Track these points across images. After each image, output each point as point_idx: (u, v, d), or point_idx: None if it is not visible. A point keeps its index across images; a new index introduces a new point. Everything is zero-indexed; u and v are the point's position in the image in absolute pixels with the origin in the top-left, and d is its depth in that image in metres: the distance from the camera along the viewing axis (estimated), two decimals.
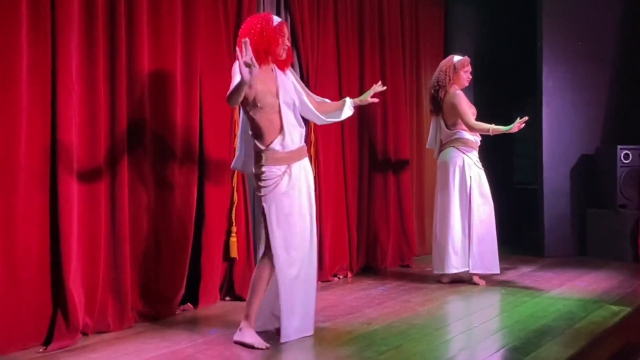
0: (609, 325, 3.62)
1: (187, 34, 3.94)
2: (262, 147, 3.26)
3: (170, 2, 3.84)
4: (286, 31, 3.34)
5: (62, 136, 3.26)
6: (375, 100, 3.79)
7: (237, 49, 2.95)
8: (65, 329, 3.24)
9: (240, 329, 3.27)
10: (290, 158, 3.29)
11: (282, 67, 3.38)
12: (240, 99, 3.09)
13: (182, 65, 3.91)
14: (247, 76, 2.94)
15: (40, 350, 3.15)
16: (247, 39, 2.95)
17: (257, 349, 3.17)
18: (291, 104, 3.34)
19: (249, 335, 3.23)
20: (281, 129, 3.26)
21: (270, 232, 3.24)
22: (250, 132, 3.35)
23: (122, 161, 3.58)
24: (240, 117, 3.51)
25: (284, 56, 3.34)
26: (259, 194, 3.28)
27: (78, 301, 3.31)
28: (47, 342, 3.21)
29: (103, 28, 3.48)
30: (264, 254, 3.33)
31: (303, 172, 3.36)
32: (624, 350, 3.73)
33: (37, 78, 3.21)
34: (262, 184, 3.25)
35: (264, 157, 3.26)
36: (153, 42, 3.77)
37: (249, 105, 3.26)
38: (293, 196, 3.28)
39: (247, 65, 2.90)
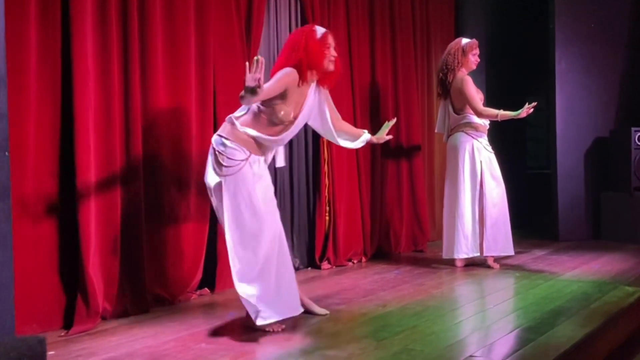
0: (624, 306, 3.62)
1: (200, 32, 3.96)
2: (237, 124, 3.16)
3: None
4: (331, 41, 3.27)
5: (79, 123, 3.30)
6: (390, 137, 3.73)
7: (247, 63, 2.80)
8: (86, 314, 3.30)
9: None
10: (255, 147, 3.19)
11: (326, 82, 3.32)
12: (250, 103, 3.06)
13: (195, 52, 3.94)
14: (248, 96, 2.85)
15: (62, 334, 3.21)
16: (261, 58, 2.79)
17: (272, 332, 3.20)
18: (301, 123, 3.31)
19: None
20: (277, 138, 3.22)
21: (230, 222, 3.14)
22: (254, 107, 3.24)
23: (138, 148, 3.62)
24: None
25: (331, 68, 3.26)
26: (221, 173, 3.13)
27: (97, 287, 3.37)
28: (67, 327, 3.27)
29: (116, 19, 3.50)
30: None
31: (261, 169, 3.24)
32: (638, 331, 3.74)
33: (48, 63, 3.25)
34: (224, 162, 3.12)
35: (232, 133, 3.15)
36: (166, 31, 3.80)
37: (269, 102, 3.17)
38: (256, 182, 3.18)
39: (250, 89, 2.81)
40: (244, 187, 3.13)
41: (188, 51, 3.89)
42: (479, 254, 4.77)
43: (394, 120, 3.77)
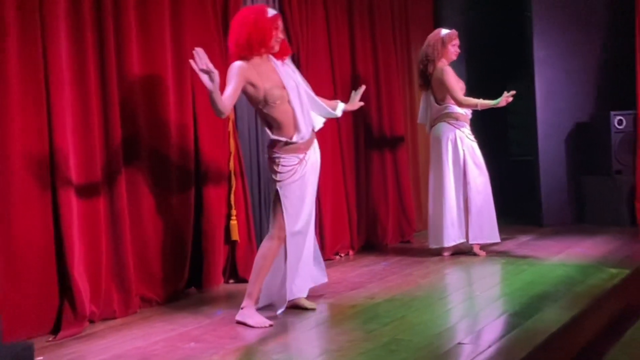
0: (608, 288, 3.67)
1: (176, 28, 3.94)
2: (281, 139, 3.33)
3: None
4: (280, 24, 3.36)
5: (57, 134, 3.28)
6: (362, 103, 3.88)
7: (191, 61, 2.93)
8: (73, 318, 3.28)
9: (242, 308, 3.32)
10: (306, 147, 3.39)
11: (279, 57, 3.41)
12: (221, 108, 3.09)
13: (172, 55, 3.91)
14: (209, 84, 2.97)
15: (50, 339, 3.19)
16: (199, 49, 2.95)
17: (259, 328, 3.21)
18: (295, 88, 3.37)
19: (250, 314, 3.29)
20: (296, 122, 3.32)
21: (284, 214, 3.32)
22: (265, 127, 3.44)
23: (118, 151, 3.60)
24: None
25: (276, 49, 3.36)
26: (275, 179, 3.35)
27: (83, 290, 3.35)
28: (55, 331, 3.26)
29: (91, 28, 3.48)
30: (270, 234, 3.37)
31: (314, 154, 3.46)
32: (624, 311, 3.79)
33: (28, 77, 3.22)
34: (278, 169, 3.33)
35: (284, 148, 3.33)
36: (142, 39, 3.77)
37: (260, 103, 3.31)
38: (306, 179, 3.39)
39: (205, 72, 2.93)
40: (296, 193, 3.36)
41: (164, 48, 3.87)
42: (465, 240, 4.81)
43: (362, 87, 3.85)
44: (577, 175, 6.13)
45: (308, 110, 3.43)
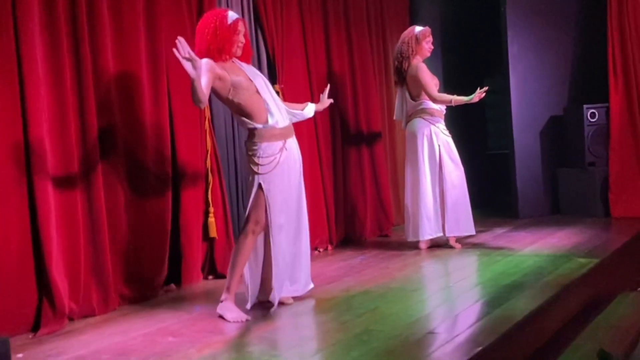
0: (576, 277, 3.78)
1: (151, 26, 3.98)
2: (258, 125, 3.36)
3: None
4: (241, 28, 3.40)
5: (33, 131, 3.31)
6: (331, 100, 3.99)
7: (174, 49, 3.00)
8: (52, 315, 3.33)
9: (221, 301, 3.39)
10: (285, 135, 3.43)
11: (242, 59, 3.49)
12: (202, 97, 3.13)
13: (146, 53, 3.96)
14: (191, 71, 3.02)
15: (30, 336, 3.24)
16: (181, 38, 3.02)
17: (237, 322, 3.28)
18: (265, 86, 3.44)
19: (228, 307, 3.35)
20: (268, 107, 3.38)
21: (268, 207, 3.36)
22: (237, 116, 3.46)
23: (95, 150, 3.64)
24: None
25: (238, 53, 3.44)
26: (256, 171, 3.36)
27: (62, 288, 3.39)
28: (35, 329, 3.30)
29: (65, 21, 3.51)
30: (245, 228, 3.43)
31: (295, 145, 3.52)
32: (593, 299, 3.91)
33: (3, 73, 3.25)
34: (259, 161, 3.35)
35: (260, 135, 3.36)
36: (116, 36, 3.80)
37: (229, 93, 3.35)
38: (289, 172, 3.44)
39: (188, 59, 2.99)
40: (279, 185, 3.38)
41: (138, 46, 3.90)
42: (442, 234, 4.90)
43: (327, 87, 3.98)
44: (552, 167, 6.25)
45: (279, 101, 3.49)
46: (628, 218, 5.62)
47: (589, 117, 5.98)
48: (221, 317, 3.35)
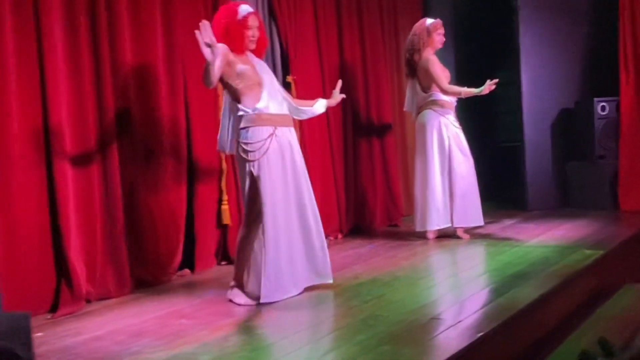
0: (580, 268, 3.84)
1: (167, 19, 4.08)
2: (248, 109, 3.37)
3: None
4: (252, 22, 3.43)
5: (53, 119, 3.44)
6: (343, 95, 3.96)
7: (196, 32, 3.06)
8: (70, 297, 3.46)
9: (231, 287, 3.50)
10: (275, 121, 3.41)
11: (256, 53, 3.54)
12: (213, 79, 3.21)
13: (163, 45, 4.06)
14: (209, 56, 3.09)
15: (49, 317, 3.37)
16: (206, 22, 3.07)
17: (246, 306, 3.38)
18: (271, 82, 3.49)
19: (237, 293, 3.46)
20: (263, 93, 3.40)
21: (260, 196, 3.34)
22: (232, 103, 3.50)
23: (112, 138, 3.76)
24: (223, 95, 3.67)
25: (252, 47, 3.48)
26: (246, 158, 3.35)
27: (80, 271, 3.52)
28: (53, 310, 3.43)
29: (84, 13, 3.62)
30: (245, 220, 3.50)
31: (291, 138, 3.48)
32: (597, 290, 3.97)
33: (24, 63, 3.37)
34: (248, 147, 3.35)
35: (247, 119, 3.37)
36: (134, 28, 3.91)
37: (231, 77, 3.39)
38: (284, 161, 3.41)
39: (208, 45, 3.05)
40: (274, 167, 3.36)
41: (155, 38, 4.01)
42: (450, 225, 4.97)
43: (339, 82, 3.97)
44: (561, 160, 6.28)
45: (280, 96, 3.50)
46: (637, 211, 5.64)
47: (599, 110, 6.01)
48: (231, 301, 3.46)
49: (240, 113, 3.42)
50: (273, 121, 3.41)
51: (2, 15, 3.25)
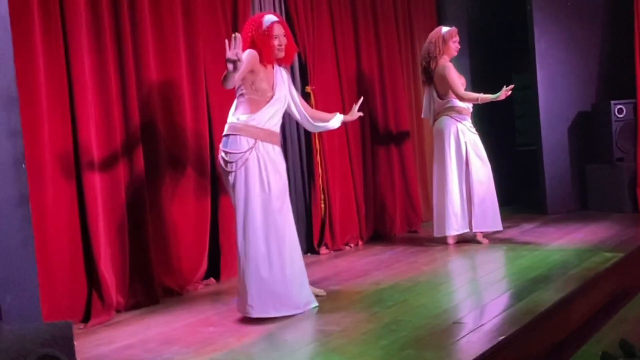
0: (600, 271, 3.87)
1: (189, 36, 4.21)
2: (235, 118, 3.40)
3: (170, 2, 4.10)
4: (277, 30, 3.46)
5: (82, 134, 3.58)
6: (361, 114, 4.06)
7: (227, 40, 3.10)
8: (101, 307, 3.58)
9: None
10: (259, 135, 3.35)
11: (283, 62, 3.58)
12: (232, 83, 3.26)
13: (186, 56, 4.18)
14: (231, 68, 3.11)
15: (81, 327, 3.48)
16: (238, 35, 3.10)
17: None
18: (282, 99, 3.53)
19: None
20: (265, 108, 3.43)
21: (236, 207, 3.33)
22: (237, 101, 3.51)
23: (138, 152, 3.88)
24: None
25: (280, 55, 3.50)
26: (227, 169, 3.34)
27: (110, 281, 3.64)
28: (85, 320, 3.55)
29: (110, 32, 3.76)
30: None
31: (275, 155, 3.42)
32: (618, 292, 4.00)
33: (53, 79, 3.50)
34: (228, 157, 3.34)
35: (232, 127, 3.38)
36: (158, 46, 4.05)
37: (245, 84, 3.42)
38: (267, 175, 3.34)
39: (231, 61, 3.08)
40: (252, 179, 3.31)
41: (179, 56, 4.14)
42: (468, 230, 5.03)
43: (361, 99, 4.07)
44: (579, 163, 6.31)
45: (277, 121, 3.50)
46: None
47: (616, 112, 6.03)
48: None
49: (231, 120, 3.44)
50: (256, 135, 3.36)
51: (33, 36, 3.39)
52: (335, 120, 3.90)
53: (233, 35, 3.10)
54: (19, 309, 2.23)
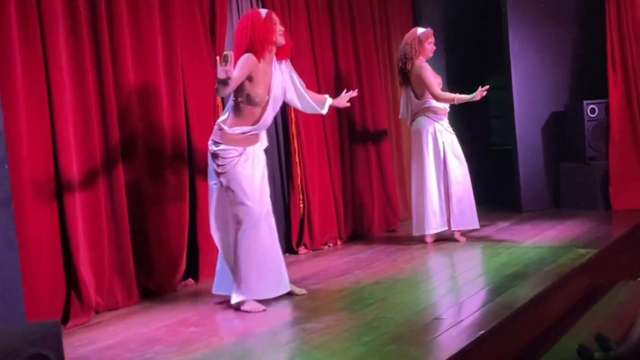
0: (575, 267, 3.95)
1: (167, 37, 4.18)
2: (224, 127, 3.51)
3: (148, 2, 4.08)
4: (275, 17, 3.61)
5: (60, 137, 3.54)
6: (348, 104, 4.18)
7: (218, 57, 3.16)
8: (80, 308, 3.55)
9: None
10: (247, 141, 3.55)
11: (283, 55, 3.66)
12: (224, 95, 3.40)
13: (163, 56, 4.16)
14: (221, 86, 3.20)
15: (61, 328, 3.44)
16: (231, 53, 3.18)
17: (254, 312, 3.48)
18: (278, 99, 3.63)
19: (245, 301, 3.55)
20: (257, 121, 3.55)
21: (232, 203, 3.51)
22: (230, 105, 3.62)
23: (117, 153, 3.85)
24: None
25: (282, 41, 3.59)
26: (218, 171, 3.51)
27: (89, 282, 3.62)
28: (64, 321, 3.51)
29: (87, 29, 3.73)
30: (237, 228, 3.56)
31: (259, 152, 3.62)
32: (593, 288, 4.08)
33: (31, 79, 3.46)
34: (219, 161, 3.50)
35: (223, 135, 3.50)
36: (135, 49, 4.02)
37: (241, 93, 3.51)
38: (253, 170, 3.55)
39: (221, 81, 3.16)
40: (237, 181, 3.49)
41: (156, 56, 4.11)
42: (446, 229, 5.09)
43: (354, 92, 4.20)
44: (553, 162, 6.42)
45: (268, 123, 3.66)
46: (628, 210, 5.78)
47: (589, 112, 6.14)
48: (237, 309, 3.55)
49: (219, 127, 3.54)
50: (244, 141, 3.53)
51: (10, 32, 3.35)
52: (325, 107, 3.98)
53: (225, 53, 3.15)
54: (3, 310, 2.21)
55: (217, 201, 3.63)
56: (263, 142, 3.74)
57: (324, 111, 4.01)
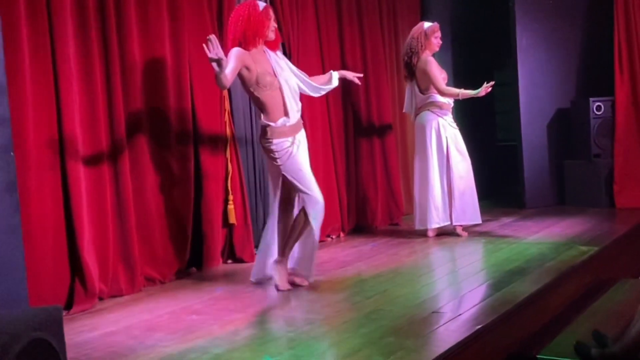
0: (575, 263, 3.97)
1: (174, 20, 4.20)
2: (269, 123, 3.66)
3: None
4: (272, 14, 3.71)
5: (66, 122, 3.57)
6: (357, 80, 4.26)
7: (205, 45, 3.29)
8: (84, 295, 3.59)
9: (276, 262, 3.78)
10: (293, 131, 3.72)
11: (272, 47, 3.77)
12: (226, 83, 3.46)
13: (170, 47, 4.19)
14: (217, 69, 3.32)
15: (64, 314, 3.49)
16: (213, 36, 3.31)
17: (279, 290, 3.67)
18: (287, 80, 3.72)
19: (279, 271, 3.74)
20: (284, 108, 3.67)
21: (302, 186, 3.71)
22: (256, 108, 3.81)
23: (122, 141, 3.89)
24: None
25: (272, 37, 3.73)
26: (276, 164, 3.71)
27: (93, 269, 3.65)
28: (67, 307, 3.56)
29: (95, 19, 3.75)
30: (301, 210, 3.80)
31: (303, 141, 3.80)
32: (593, 285, 4.10)
33: (38, 65, 3.48)
34: (275, 155, 3.69)
35: (272, 132, 3.66)
36: (142, 29, 4.04)
37: (252, 86, 3.65)
38: (305, 155, 3.77)
39: (213, 61, 3.27)
40: (295, 169, 3.71)
41: (163, 40, 4.13)
42: (449, 223, 5.11)
43: (360, 75, 4.29)
44: (558, 159, 6.42)
45: (295, 102, 3.75)
46: (631, 208, 5.79)
47: (594, 110, 6.14)
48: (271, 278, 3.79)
49: (264, 124, 3.69)
50: (292, 131, 3.72)
51: (18, 22, 3.37)
52: (334, 80, 4.08)
53: (208, 37, 3.29)
54: (7, 295, 2.25)
55: (282, 189, 3.82)
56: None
57: (334, 84, 4.08)
